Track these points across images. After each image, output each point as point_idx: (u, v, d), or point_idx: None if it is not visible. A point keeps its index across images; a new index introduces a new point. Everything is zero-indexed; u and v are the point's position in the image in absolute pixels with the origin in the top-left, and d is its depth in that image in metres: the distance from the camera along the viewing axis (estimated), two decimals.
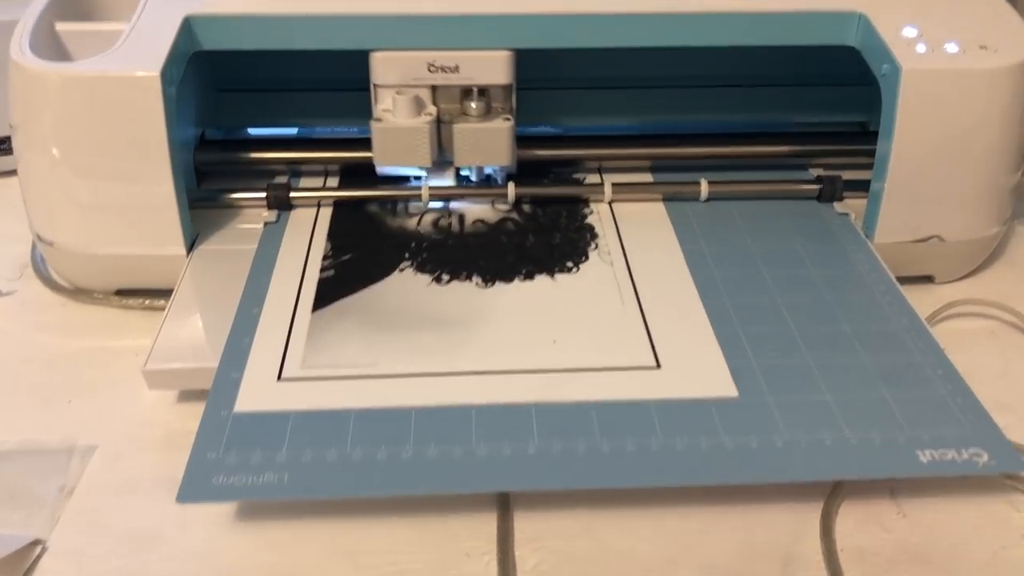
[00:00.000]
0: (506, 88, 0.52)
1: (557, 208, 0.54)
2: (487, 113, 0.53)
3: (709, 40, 0.52)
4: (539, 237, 0.52)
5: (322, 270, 0.49)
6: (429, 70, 0.51)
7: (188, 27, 0.49)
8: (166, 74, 0.46)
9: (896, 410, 0.40)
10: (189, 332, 0.45)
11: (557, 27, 0.50)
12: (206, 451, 0.38)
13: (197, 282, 0.48)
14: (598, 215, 0.54)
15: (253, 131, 0.62)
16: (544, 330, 0.45)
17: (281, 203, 0.53)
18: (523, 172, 0.56)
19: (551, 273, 0.49)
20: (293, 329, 0.45)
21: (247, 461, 0.37)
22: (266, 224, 0.52)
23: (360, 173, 0.57)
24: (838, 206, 0.55)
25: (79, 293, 0.52)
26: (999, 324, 0.51)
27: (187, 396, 0.45)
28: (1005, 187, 0.52)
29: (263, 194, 0.54)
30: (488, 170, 0.56)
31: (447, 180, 0.56)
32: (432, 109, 0.52)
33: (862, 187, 0.53)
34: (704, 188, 0.55)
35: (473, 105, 0.52)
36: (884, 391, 0.41)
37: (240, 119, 0.61)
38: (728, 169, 0.58)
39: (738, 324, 0.45)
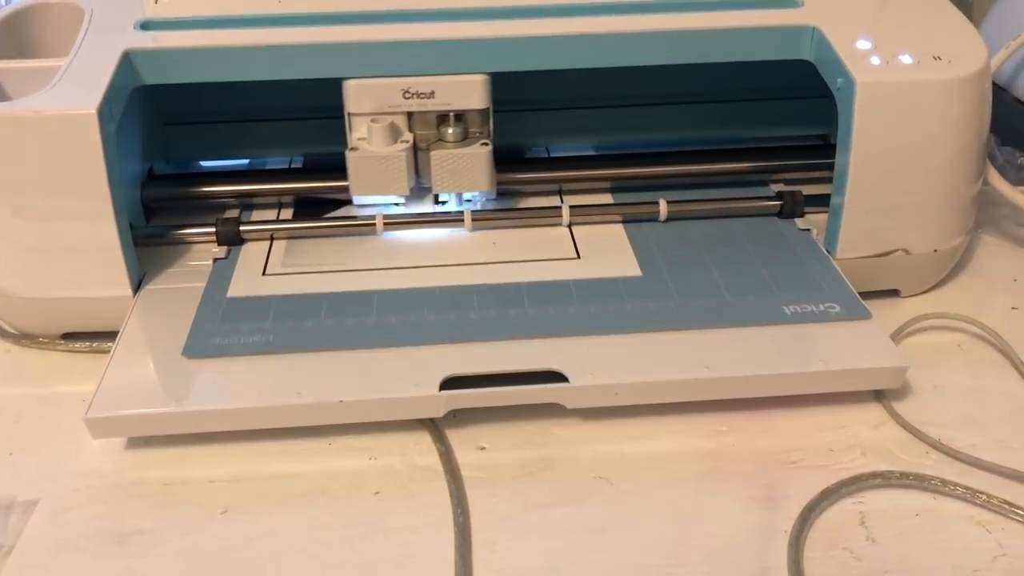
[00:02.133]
0: (483, 112, 0.52)
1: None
2: (464, 139, 0.52)
3: (666, 58, 0.51)
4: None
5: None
6: (404, 97, 0.50)
7: (128, 62, 0.48)
8: (104, 111, 0.45)
9: (771, 282, 0.49)
10: (134, 377, 0.44)
11: (528, 49, 0.50)
12: (204, 323, 0.46)
13: (143, 324, 0.47)
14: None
15: (204, 164, 0.61)
16: (487, 240, 0.53)
17: (231, 238, 0.52)
18: None
19: None
20: (273, 243, 0.53)
21: (239, 328, 0.46)
22: (215, 260, 0.51)
23: (314, 204, 0.56)
24: (799, 222, 0.54)
25: (23, 338, 0.50)
26: (966, 337, 0.50)
27: (136, 443, 0.43)
28: (966, 197, 0.51)
29: (212, 229, 0.52)
30: (467, 197, 0.55)
31: (425, 208, 0.55)
32: (408, 136, 0.52)
33: (824, 202, 0.52)
34: (663, 208, 0.54)
35: (450, 131, 0.51)
36: (764, 271, 0.50)
37: (189, 152, 0.60)
38: (689, 188, 0.57)
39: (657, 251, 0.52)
